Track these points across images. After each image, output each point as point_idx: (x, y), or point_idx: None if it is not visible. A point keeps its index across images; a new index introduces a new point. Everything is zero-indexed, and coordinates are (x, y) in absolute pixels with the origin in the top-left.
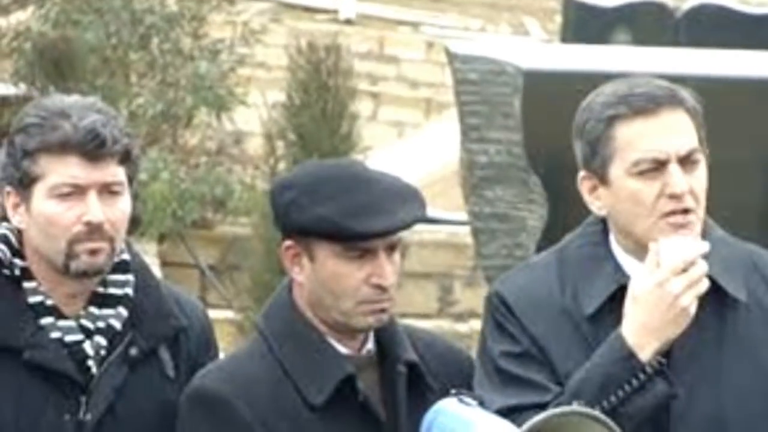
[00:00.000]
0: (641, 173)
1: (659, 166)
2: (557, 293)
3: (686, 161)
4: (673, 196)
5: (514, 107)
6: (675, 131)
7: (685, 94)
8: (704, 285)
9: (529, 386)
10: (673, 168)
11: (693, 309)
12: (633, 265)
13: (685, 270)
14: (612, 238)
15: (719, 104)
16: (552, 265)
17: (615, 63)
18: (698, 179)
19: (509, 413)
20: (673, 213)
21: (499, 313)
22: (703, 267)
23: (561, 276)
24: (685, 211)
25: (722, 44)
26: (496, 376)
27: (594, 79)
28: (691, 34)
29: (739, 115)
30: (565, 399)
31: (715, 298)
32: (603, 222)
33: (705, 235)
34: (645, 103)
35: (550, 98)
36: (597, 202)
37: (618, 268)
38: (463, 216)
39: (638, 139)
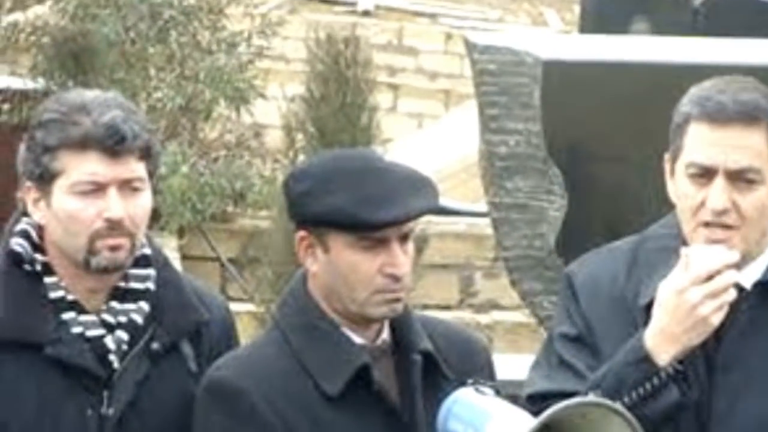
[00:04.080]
0: (692, 176)
1: (708, 174)
2: (622, 281)
3: (738, 178)
4: (711, 211)
5: (534, 97)
6: (735, 146)
7: None
8: (730, 296)
9: (571, 373)
10: (718, 182)
11: (716, 319)
12: None
13: (710, 279)
14: None
15: None
16: (627, 251)
17: (633, 52)
18: (751, 199)
19: (543, 399)
20: (710, 224)
21: (566, 295)
22: (729, 277)
23: (631, 264)
24: (726, 227)
25: (741, 32)
26: (553, 356)
27: (613, 69)
28: (709, 22)
29: None
30: (584, 392)
31: None
32: None
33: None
34: (715, 113)
35: (570, 88)
36: (672, 188)
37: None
38: (483, 207)
39: (698, 143)
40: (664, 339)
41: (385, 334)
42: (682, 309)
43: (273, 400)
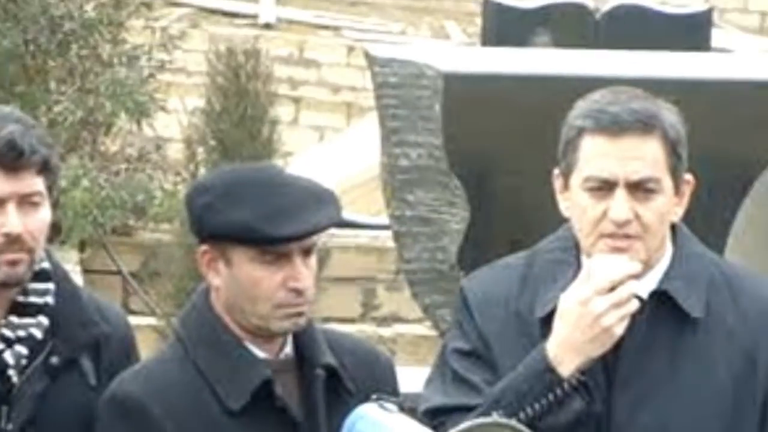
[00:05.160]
0: (590, 190)
1: (608, 187)
2: (516, 295)
3: (637, 188)
4: (613, 222)
5: (435, 110)
6: (633, 157)
7: (667, 118)
8: (632, 306)
9: (467, 387)
10: (619, 193)
11: (619, 330)
12: None
13: (612, 289)
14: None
15: None
16: (520, 266)
17: (535, 65)
18: (651, 209)
19: (439, 413)
20: (612, 236)
21: (459, 310)
22: (630, 288)
23: (525, 277)
24: (627, 237)
25: (643, 45)
26: (445, 370)
27: (514, 82)
28: (611, 35)
29: None
30: (485, 406)
31: (672, 313)
32: None
33: (677, 248)
34: (610, 124)
35: (471, 101)
36: (565, 203)
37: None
38: (385, 220)
39: (595, 156)
40: (567, 350)
41: (288, 349)
42: (585, 319)
43: (175, 415)
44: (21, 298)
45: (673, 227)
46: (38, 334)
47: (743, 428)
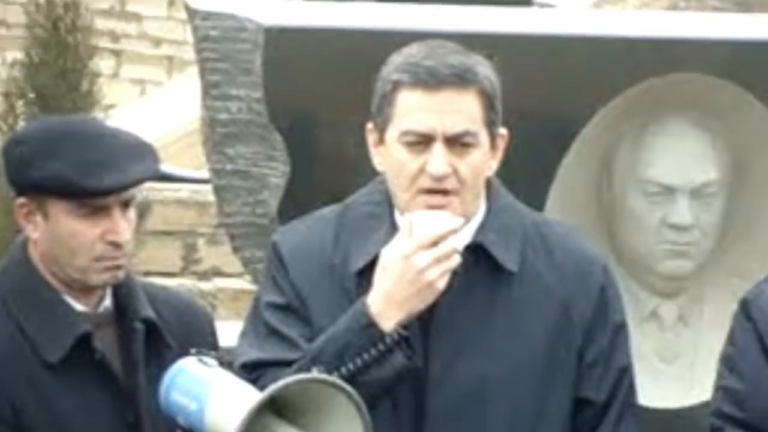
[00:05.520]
0: (408, 144)
1: (426, 141)
2: (329, 249)
3: (455, 143)
4: (431, 176)
5: (255, 64)
6: (450, 111)
7: (482, 72)
8: (454, 261)
9: (282, 341)
10: (437, 147)
11: (441, 284)
12: None
13: (435, 244)
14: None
15: None
16: (332, 220)
17: (355, 19)
18: (468, 163)
19: (255, 368)
20: (430, 191)
21: (272, 264)
22: (453, 243)
23: (337, 232)
24: (446, 192)
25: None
26: (260, 326)
27: (334, 35)
28: None
29: None
30: (306, 360)
31: (487, 266)
32: None
33: (491, 202)
34: (427, 77)
35: (291, 55)
36: (378, 158)
37: (393, 229)
38: (206, 174)
39: (412, 110)
40: (389, 305)
41: (108, 302)
42: (408, 274)
43: None
44: None
45: (487, 181)
46: None
47: (558, 380)
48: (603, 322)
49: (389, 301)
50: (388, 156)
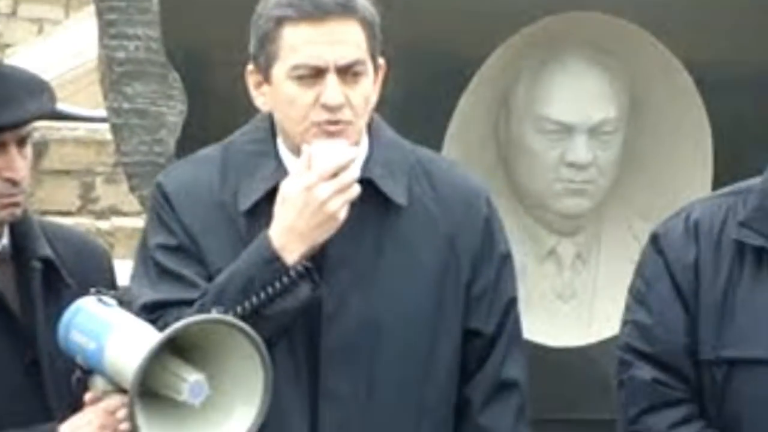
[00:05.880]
0: (300, 78)
1: (317, 74)
2: (217, 187)
3: (347, 72)
4: (326, 107)
5: (152, 2)
6: (339, 41)
7: (362, 3)
8: (354, 191)
9: (179, 281)
10: (330, 79)
11: (342, 214)
12: (294, 164)
13: (335, 176)
14: (279, 135)
15: None
16: (216, 159)
17: None
18: (359, 92)
19: (155, 308)
20: (325, 123)
21: (159, 205)
22: (353, 173)
23: (223, 171)
24: (339, 122)
25: None
26: (151, 268)
27: None
28: None
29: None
30: (209, 297)
31: (376, 201)
32: (271, 119)
33: (374, 137)
34: (312, 9)
35: None
36: (261, 98)
37: (280, 165)
38: (104, 113)
39: (301, 44)
40: (293, 237)
41: (5, 240)
42: (310, 206)
43: None
44: None
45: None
46: None
47: (448, 313)
48: (489, 254)
49: (291, 233)
50: (277, 93)
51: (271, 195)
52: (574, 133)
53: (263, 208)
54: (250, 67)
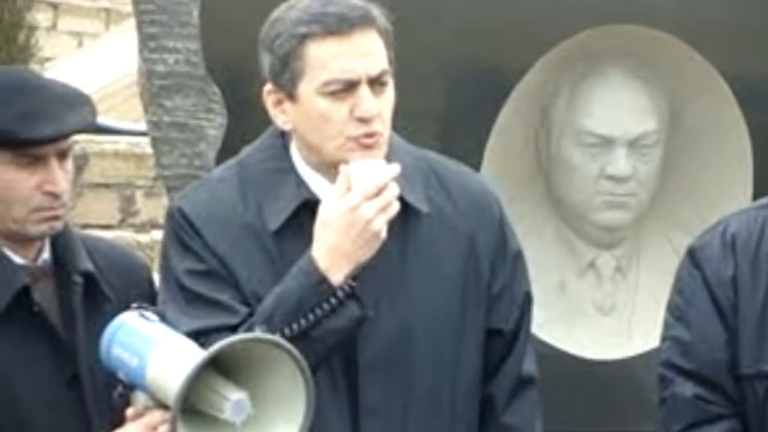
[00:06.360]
0: (332, 93)
1: (350, 87)
2: (240, 209)
3: (376, 83)
4: (362, 120)
5: (193, 16)
6: (366, 53)
7: (377, 13)
8: (395, 208)
9: (216, 307)
10: (364, 91)
11: (384, 232)
12: (317, 181)
13: (377, 194)
14: (293, 151)
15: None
16: (233, 179)
17: None
18: (386, 102)
19: (197, 337)
20: (362, 136)
21: (182, 230)
22: (394, 190)
23: (242, 190)
24: (374, 134)
25: None
26: (180, 295)
27: None
28: None
29: (414, 23)
30: (257, 322)
31: (400, 211)
32: (281, 135)
33: (390, 145)
34: (338, 23)
35: (228, 6)
36: (282, 116)
37: (301, 183)
38: (144, 126)
39: (330, 59)
40: (338, 258)
41: (46, 254)
42: (356, 227)
43: None
44: None
45: None
46: None
47: (472, 315)
48: (504, 253)
49: (336, 254)
50: (306, 111)
51: (296, 213)
52: (613, 146)
53: (290, 226)
54: (269, 86)
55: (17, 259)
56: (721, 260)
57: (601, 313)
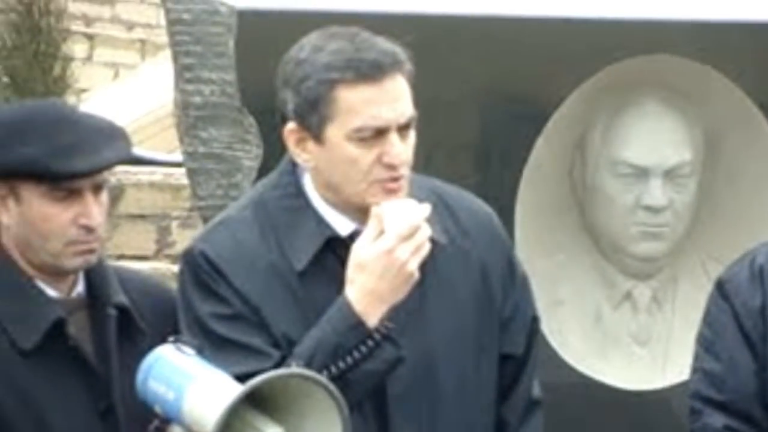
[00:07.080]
0: (362, 140)
1: (379, 134)
2: (263, 249)
3: (403, 129)
4: (391, 166)
5: (228, 47)
6: (396, 99)
7: (404, 56)
8: (427, 248)
9: (248, 351)
10: (394, 138)
11: (417, 273)
12: (335, 218)
13: (411, 235)
14: (308, 188)
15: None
16: (251, 219)
17: (327, 2)
18: (409, 145)
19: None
20: (388, 180)
21: (204, 273)
22: (426, 231)
23: (262, 230)
24: (399, 178)
25: None
26: (206, 339)
27: (308, 19)
28: None
29: (448, 52)
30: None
31: None
32: (293, 170)
33: None
34: (370, 70)
35: (264, 38)
36: (304, 155)
37: (321, 220)
38: (179, 157)
39: (361, 105)
40: (374, 301)
41: (80, 287)
42: (392, 269)
43: None
44: None
45: None
46: None
47: (487, 339)
48: (513, 276)
49: (372, 296)
50: (333, 154)
51: (319, 251)
52: (649, 177)
53: (315, 265)
54: (292, 125)
55: (51, 292)
56: (750, 290)
57: (637, 344)
